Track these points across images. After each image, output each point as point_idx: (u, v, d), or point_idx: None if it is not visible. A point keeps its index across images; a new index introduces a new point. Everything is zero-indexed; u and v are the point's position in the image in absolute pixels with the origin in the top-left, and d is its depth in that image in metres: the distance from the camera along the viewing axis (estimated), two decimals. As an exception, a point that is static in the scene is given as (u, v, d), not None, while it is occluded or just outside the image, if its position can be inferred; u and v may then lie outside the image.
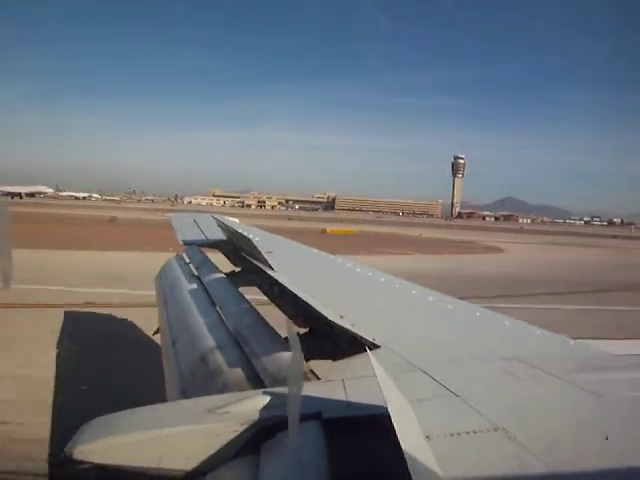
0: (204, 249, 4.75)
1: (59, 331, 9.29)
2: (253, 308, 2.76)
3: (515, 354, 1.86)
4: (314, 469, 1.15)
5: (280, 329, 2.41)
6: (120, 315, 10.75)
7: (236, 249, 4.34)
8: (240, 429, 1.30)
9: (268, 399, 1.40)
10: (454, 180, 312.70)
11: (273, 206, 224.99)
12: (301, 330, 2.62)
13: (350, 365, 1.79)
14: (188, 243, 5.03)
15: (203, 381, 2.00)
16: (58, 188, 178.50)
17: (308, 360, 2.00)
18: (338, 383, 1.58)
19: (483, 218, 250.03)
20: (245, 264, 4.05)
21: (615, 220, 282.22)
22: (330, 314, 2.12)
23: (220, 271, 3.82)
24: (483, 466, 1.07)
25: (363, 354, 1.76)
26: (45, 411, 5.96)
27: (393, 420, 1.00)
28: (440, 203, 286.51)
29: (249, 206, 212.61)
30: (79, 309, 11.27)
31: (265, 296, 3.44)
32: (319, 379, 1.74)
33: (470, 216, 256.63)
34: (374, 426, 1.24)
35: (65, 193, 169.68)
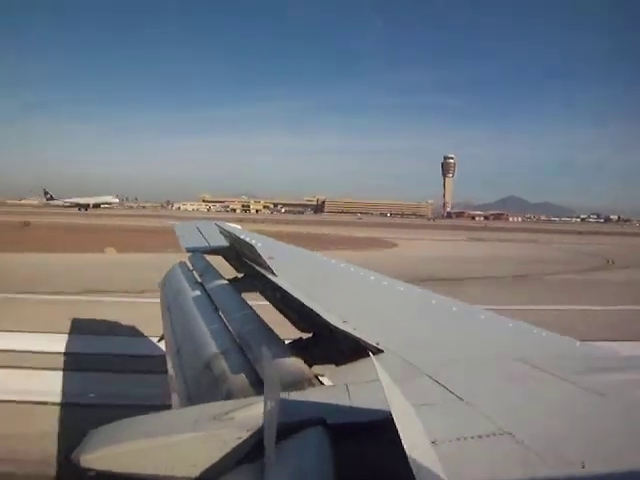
0: (207, 256, 4.77)
1: None
2: (256, 314, 2.76)
3: (520, 356, 1.86)
4: (319, 475, 1.15)
5: (283, 335, 2.42)
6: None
7: (238, 255, 4.35)
8: (245, 435, 1.31)
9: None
10: (444, 180, 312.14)
11: (258, 210, 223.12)
12: (304, 335, 2.62)
13: (354, 370, 1.79)
14: (191, 250, 5.05)
15: (208, 388, 2.00)
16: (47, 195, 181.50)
17: (311, 365, 2.00)
18: (342, 388, 1.58)
19: (473, 218, 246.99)
20: (247, 270, 4.05)
21: (612, 217, 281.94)
22: (333, 319, 2.12)
23: (223, 277, 3.83)
24: (490, 471, 1.07)
25: (367, 359, 1.76)
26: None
27: (397, 425, 1.00)
28: (431, 204, 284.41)
29: (234, 210, 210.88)
30: None
31: (268, 302, 3.44)
32: (323, 384, 1.74)
33: (459, 216, 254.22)
34: (378, 431, 1.24)
35: (56, 202, 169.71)
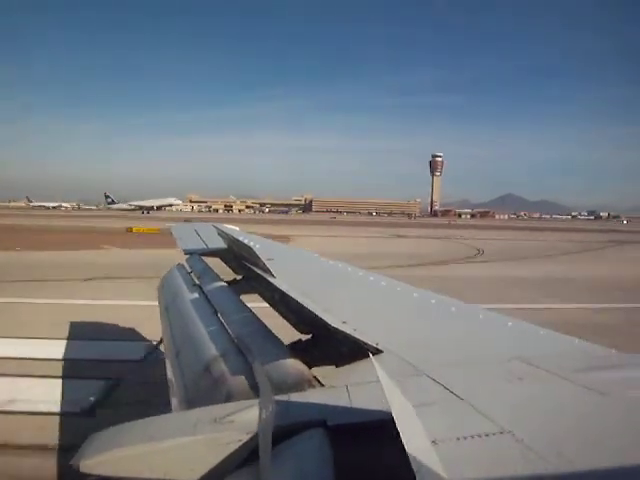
0: (205, 258, 4.76)
1: None
2: (255, 316, 2.76)
3: (519, 355, 1.86)
4: (319, 476, 1.15)
5: (282, 336, 2.41)
6: None
7: (237, 257, 4.35)
8: (245, 438, 1.30)
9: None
10: (432, 179, 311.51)
11: (240, 210, 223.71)
12: (303, 337, 2.62)
13: (354, 371, 1.79)
14: (189, 252, 5.05)
15: (207, 390, 2.00)
16: (28, 198, 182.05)
17: (311, 367, 2.00)
18: (342, 389, 1.57)
19: (459, 215, 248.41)
20: (246, 272, 4.05)
21: (602, 214, 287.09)
22: (332, 320, 2.12)
23: (221, 279, 3.83)
24: (491, 470, 1.07)
25: (366, 359, 1.76)
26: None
27: (398, 425, 1.00)
28: (418, 202, 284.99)
29: (216, 210, 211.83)
30: None
31: (267, 303, 3.44)
32: (323, 385, 1.74)
33: (445, 214, 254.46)
34: (379, 432, 1.24)
35: (37, 203, 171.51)
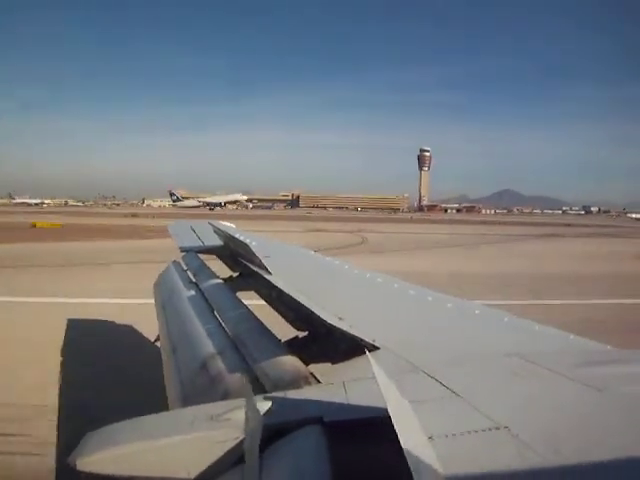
0: (201, 255, 4.76)
1: None
2: (251, 313, 2.76)
3: (515, 351, 1.86)
4: (316, 473, 1.15)
5: (279, 333, 2.41)
6: None
7: (233, 254, 4.34)
8: (242, 436, 1.30)
9: (269, 404, 1.39)
10: (420, 173, 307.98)
11: (222, 205, 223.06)
12: (300, 334, 2.62)
13: (350, 367, 1.79)
14: (186, 250, 5.04)
15: (204, 388, 1.99)
16: (11, 195, 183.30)
17: (308, 363, 2.00)
18: (339, 386, 1.57)
19: (445, 210, 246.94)
20: (242, 269, 4.05)
21: (593, 209, 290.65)
22: (329, 317, 2.12)
23: (218, 277, 3.82)
24: (486, 466, 1.07)
25: (363, 356, 1.76)
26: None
27: (394, 422, 1.00)
28: (407, 197, 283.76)
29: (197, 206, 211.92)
30: None
31: (263, 300, 3.44)
32: (319, 382, 1.74)
33: (432, 209, 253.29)
34: (376, 428, 1.24)
35: (19, 200, 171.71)
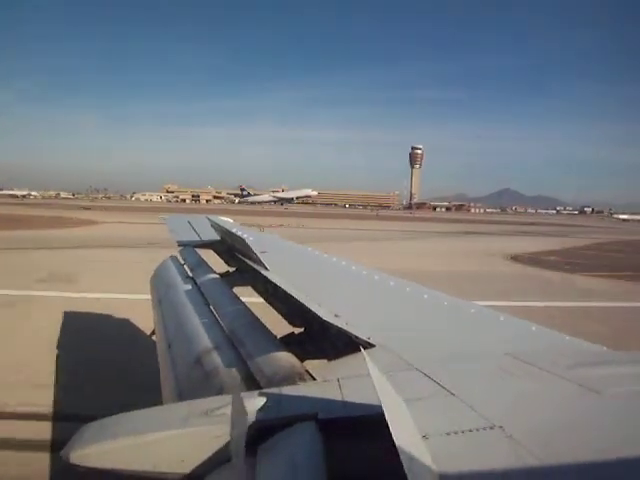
0: (198, 250, 4.75)
1: None
2: (247, 308, 2.76)
3: (510, 351, 1.87)
4: (311, 470, 1.15)
5: (275, 329, 2.41)
6: None
7: (230, 249, 4.34)
8: (245, 430, 1.30)
9: (263, 401, 1.40)
10: (412, 171, 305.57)
11: (208, 200, 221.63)
12: (296, 330, 2.62)
13: (346, 365, 1.79)
14: (183, 244, 5.03)
15: (199, 383, 1.99)
16: None
17: (303, 360, 2.00)
18: (334, 383, 1.57)
19: (434, 209, 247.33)
20: (239, 264, 4.04)
21: (587, 209, 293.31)
22: (324, 313, 2.12)
23: (214, 272, 3.82)
24: (480, 465, 1.07)
25: (358, 353, 1.76)
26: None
27: (388, 420, 1.00)
28: (397, 195, 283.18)
29: (184, 200, 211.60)
30: None
31: (259, 296, 3.43)
32: (315, 379, 1.74)
33: (420, 207, 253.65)
34: (370, 426, 1.24)
35: (6, 192, 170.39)
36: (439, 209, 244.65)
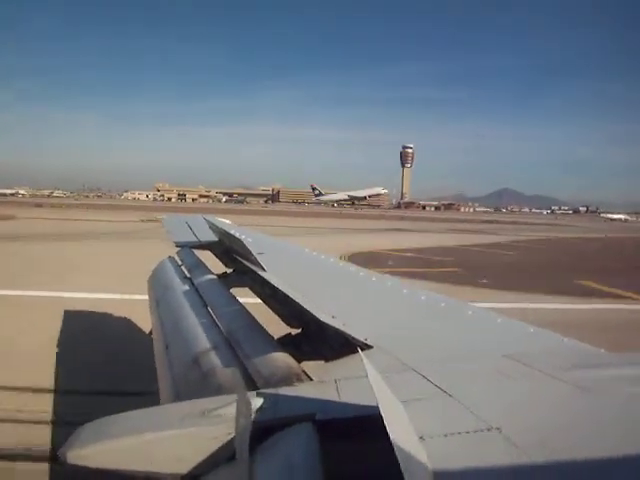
0: (196, 250, 4.75)
1: None
2: (245, 309, 2.75)
3: (507, 352, 1.87)
4: (307, 470, 1.15)
5: (272, 330, 2.41)
6: None
7: (228, 250, 4.33)
8: (234, 432, 1.30)
9: (260, 401, 1.39)
10: (402, 170, 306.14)
11: (194, 199, 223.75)
12: (293, 331, 2.62)
13: (343, 365, 1.79)
14: (180, 245, 5.03)
15: (196, 383, 1.99)
16: None
17: (300, 361, 2.00)
18: (331, 384, 1.58)
19: (423, 207, 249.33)
20: (237, 265, 4.04)
21: (581, 208, 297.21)
22: (322, 315, 2.12)
23: (212, 272, 3.81)
24: (477, 466, 1.08)
25: (355, 354, 1.76)
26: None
27: (385, 421, 1.00)
28: (386, 194, 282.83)
29: (169, 199, 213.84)
30: None
31: (257, 297, 3.43)
32: (311, 380, 1.74)
33: (409, 206, 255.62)
34: (368, 427, 1.24)
35: None
36: (428, 208, 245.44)
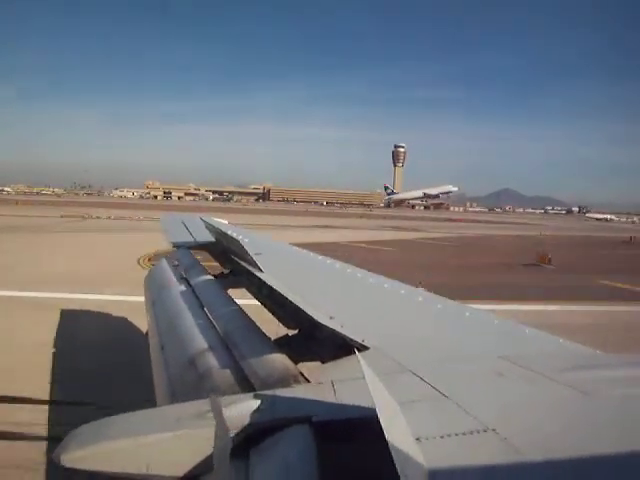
0: (193, 251, 4.73)
1: None
2: (242, 310, 2.75)
3: (504, 353, 1.88)
4: (304, 473, 1.15)
5: (269, 331, 2.41)
6: None
7: (225, 251, 4.32)
8: (230, 433, 1.30)
9: (257, 403, 1.39)
10: (394, 169, 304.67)
11: (179, 197, 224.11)
12: (290, 332, 2.61)
13: (340, 367, 1.79)
14: (177, 245, 5.01)
15: (192, 385, 1.98)
16: None
17: (297, 362, 2.00)
18: (327, 385, 1.57)
19: (412, 207, 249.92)
20: (234, 266, 4.03)
21: (574, 209, 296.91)
22: (319, 315, 2.12)
23: (209, 273, 3.80)
24: (473, 467, 1.08)
25: (352, 356, 1.76)
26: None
27: (382, 422, 1.00)
28: (379, 193, 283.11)
29: (155, 197, 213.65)
30: None
31: (254, 298, 3.43)
32: (308, 381, 1.74)
33: (398, 205, 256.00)
34: (364, 428, 1.24)
35: None
36: (418, 207, 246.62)
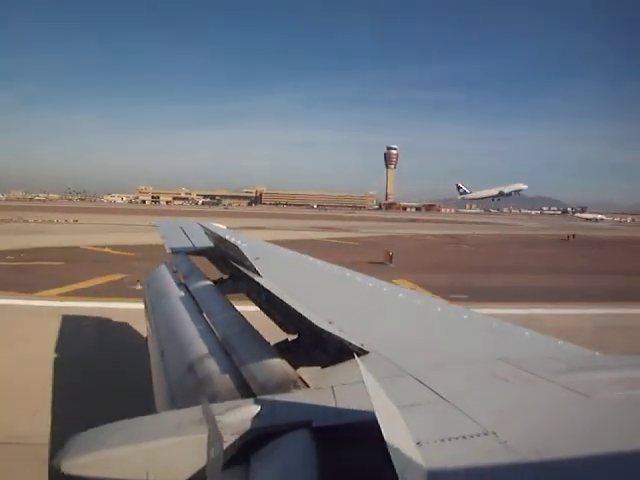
0: (192, 256, 4.73)
1: None
2: (241, 315, 2.75)
3: (503, 356, 1.87)
4: (304, 478, 1.14)
5: (268, 336, 2.41)
6: None
7: (223, 256, 4.32)
8: (230, 439, 1.30)
9: (257, 408, 1.39)
10: (387, 171, 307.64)
11: (168, 201, 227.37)
12: (289, 337, 2.61)
13: (339, 372, 1.79)
14: (176, 251, 5.00)
15: (192, 391, 1.98)
16: None
17: (297, 367, 2.00)
18: (327, 390, 1.57)
19: (404, 209, 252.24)
20: (232, 271, 4.03)
21: (568, 209, 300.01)
22: (318, 320, 2.12)
23: (208, 278, 3.80)
24: (474, 471, 1.07)
25: (352, 360, 1.76)
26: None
27: (382, 427, 1.00)
28: (373, 195, 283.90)
29: (143, 202, 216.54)
30: None
31: (253, 303, 3.43)
32: (308, 386, 1.74)
33: (389, 207, 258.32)
34: (365, 433, 1.24)
35: None
36: (409, 209, 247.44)
